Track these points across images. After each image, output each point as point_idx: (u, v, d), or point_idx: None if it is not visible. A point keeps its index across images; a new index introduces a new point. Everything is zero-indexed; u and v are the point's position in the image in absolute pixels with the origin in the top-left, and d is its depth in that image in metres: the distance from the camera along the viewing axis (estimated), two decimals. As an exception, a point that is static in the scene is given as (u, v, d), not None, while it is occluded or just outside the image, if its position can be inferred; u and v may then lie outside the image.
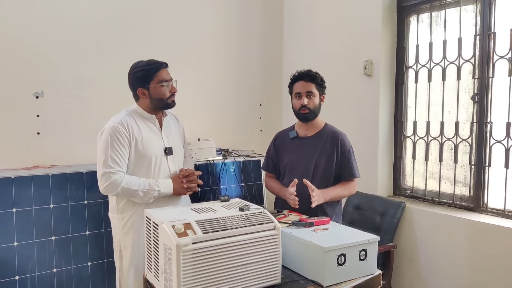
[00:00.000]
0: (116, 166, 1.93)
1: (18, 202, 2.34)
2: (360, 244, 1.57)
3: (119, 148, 1.94)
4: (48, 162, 2.72)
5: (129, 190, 1.94)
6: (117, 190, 1.94)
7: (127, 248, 2.05)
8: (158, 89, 2.00)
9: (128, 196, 1.97)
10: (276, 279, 1.49)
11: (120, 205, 2.04)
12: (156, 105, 2.05)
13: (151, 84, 1.99)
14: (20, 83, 2.65)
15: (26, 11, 2.64)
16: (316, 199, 1.98)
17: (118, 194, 1.96)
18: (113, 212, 2.10)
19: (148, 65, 2.01)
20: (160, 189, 1.99)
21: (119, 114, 2.04)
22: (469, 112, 2.56)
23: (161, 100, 2.03)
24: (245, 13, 3.57)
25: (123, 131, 1.95)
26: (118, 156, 1.94)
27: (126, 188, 1.93)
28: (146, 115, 2.07)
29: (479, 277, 2.39)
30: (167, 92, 2.03)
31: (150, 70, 2.00)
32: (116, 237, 2.11)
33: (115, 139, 1.94)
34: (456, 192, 2.65)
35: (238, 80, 3.58)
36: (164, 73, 2.02)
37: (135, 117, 2.05)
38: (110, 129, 1.96)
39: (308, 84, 2.20)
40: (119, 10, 2.97)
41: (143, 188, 1.96)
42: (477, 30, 2.48)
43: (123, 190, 1.94)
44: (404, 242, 2.78)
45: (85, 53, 2.85)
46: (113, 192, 1.96)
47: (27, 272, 2.33)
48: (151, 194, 1.98)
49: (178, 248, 1.29)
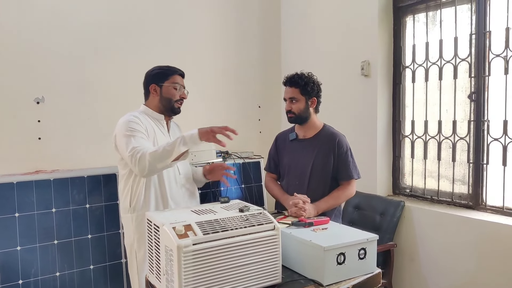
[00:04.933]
0: (140, 145, 1.88)
1: (21, 206, 2.36)
2: (359, 243, 1.58)
3: (138, 133, 1.94)
4: (50, 167, 2.75)
5: (156, 152, 1.83)
6: (147, 160, 1.83)
7: (141, 248, 2.04)
8: (170, 89, 2.09)
9: (159, 160, 1.84)
10: (277, 279, 1.51)
11: (133, 204, 2.03)
12: (164, 105, 2.10)
13: (165, 83, 2.09)
14: (21, 89, 2.68)
15: (26, 17, 2.67)
16: (307, 213, 1.97)
17: (150, 164, 1.84)
18: (125, 212, 2.10)
19: (167, 67, 2.15)
20: (185, 134, 1.87)
21: (131, 112, 2.08)
22: (466, 110, 2.58)
23: (170, 101, 2.09)
24: (243, 16, 3.59)
25: (139, 122, 1.99)
26: (138, 138, 1.92)
27: (153, 152, 1.84)
28: (156, 115, 2.12)
29: (479, 274, 2.41)
30: (177, 95, 2.11)
31: (168, 71, 2.12)
32: (129, 237, 2.09)
33: (133, 127, 1.95)
34: (455, 190, 2.67)
35: (237, 82, 3.60)
36: (179, 79, 2.14)
37: (146, 116, 2.10)
38: (125, 122, 1.98)
39: (292, 89, 2.21)
40: (118, 16, 3.00)
41: (166, 146, 1.85)
42: (473, 29, 2.50)
43: (151, 156, 1.83)
44: (404, 241, 2.80)
45: (85, 58, 2.88)
46: (146, 165, 1.84)
47: (30, 276, 2.35)
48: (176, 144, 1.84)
49: (179, 249, 1.31)
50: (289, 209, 2.04)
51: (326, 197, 2.16)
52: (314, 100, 2.23)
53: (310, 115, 2.23)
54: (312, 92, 2.21)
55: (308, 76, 2.21)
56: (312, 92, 2.21)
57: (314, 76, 2.25)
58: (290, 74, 2.24)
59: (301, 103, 2.20)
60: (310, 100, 2.21)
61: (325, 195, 2.17)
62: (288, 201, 2.09)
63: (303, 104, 2.20)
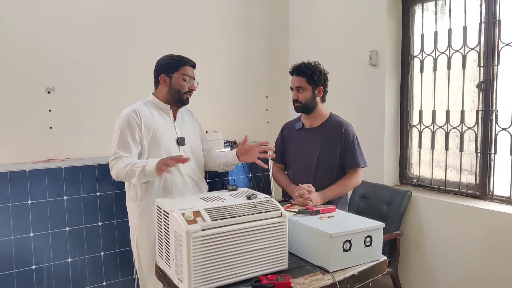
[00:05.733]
0: (122, 151, 1.97)
1: (33, 194, 2.41)
2: (365, 230, 1.60)
3: (128, 136, 1.99)
4: (61, 155, 2.80)
5: (122, 170, 1.92)
6: (115, 171, 1.95)
7: (143, 236, 2.09)
8: (180, 81, 2.09)
9: (124, 177, 1.96)
10: (283, 265, 1.54)
11: (136, 193, 2.08)
12: (172, 96, 2.11)
13: (175, 74, 2.09)
14: (32, 79, 2.72)
15: (37, 9, 2.70)
16: (313, 202, 2.00)
17: (117, 176, 1.96)
18: (129, 201, 2.14)
19: (178, 57, 2.14)
20: (146, 164, 1.90)
21: (135, 103, 2.10)
22: (474, 100, 2.57)
23: (178, 92, 2.10)
24: (250, 5, 3.59)
25: (136, 119, 2.01)
26: (126, 143, 1.98)
27: (120, 169, 1.93)
28: (162, 105, 2.13)
29: (485, 264, 2.42)
30: (186, 87, 2.11)
31: (179, 61, 2.11)
32: (132, 225, 2.15)
33: (126, 127, 1.99)
34: (462, 180, 2.67)
35: (244, 72, 3.61)
36: (189, 70, 2.13)
37: (150, 107, 2.11)
38: (123, 116, 2.03)
39: (298, 78, 2.21)
40: (126, 7, 3.02)
41: (132, 166, 1.91)
42: (482, 18, 2.48)
43: (117, 172, 1.94)
44: (410, 230, 2.82)
45: (95, 49, 2.91)
46: (114, 174, 1.97)
47: (43, 262, 2.41)
48: (137, 170, 1.89)
49: (188, 235, 1.34)
50: (295, 199, 2.07)
51: (333, 185, 2.17)
52: (321, 89, 2.23)
53: (316, 104, 2.24)
54: (318, 81, 2.21)
55: (314, 65, 2.22)
56: (318, 81, 2.21)
57: (321, 65, 2.25)
58: (297, 63, 2.24)
59: (308, 92, 2.20)
60: (316, 89, 2.22)
61: (331, 184, 2.18)
62: (294, 192, 2.11)
63: (309, 93, 2.21)
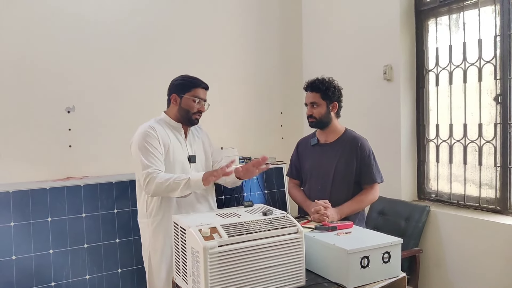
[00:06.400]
0: (152, 165, 2.00)
1: (53, 211, 2.46)
2: (383, 246, 1.58)
3: (152, 149, 2.03)
4: (80, 173, 2.85)
5: (162, 185, 1.95)
6: (153, 187, 1.96)
7: (156, 252, 2.11)
8: (190, 101, 2.13)
9: (164, 191, 1.98)
10: (301, 282, 1.53)
11: (149, 210, 2.11)
12: (181, 115, 2.16)
13: (185, 94, 2.13)
14: (53, 99, 2.80)
15: (57, 29, 2.80)
16: (330, 218, 1.99)
17: (156, 191, 1.98)
18: (142, 217, 2.18)
19: (191, 78, 2.19)
20: (191, 176, 1.98)
21: (148, 121, 2.15)
22: (492, 113, 2.53)
23: (187, 112, 2.14)
24: (264, 22, 3.64)
25: (154, 135, 2.05)
26: (153, 156, 2.02)
27: (160, 183, 1.95)
28: (173, 123, 2.17)
29: (508, 280, 2.35)
30: (196, 108, 2.15)
31: (191, 83, 2.16)
32: (145, 241, 2.17)
33: (148, 142, 2.03)
34: (482, 195, 2.61)
35: (258, 89, 3.65)
36: (201, 92, 2.17)
37: (163, 124, 2.16)
38: (141, 134, 2.06)
39: (313, 94, 2.23)
40: (143, 26, 3.10)
41: (175, 178, 1.97)
42: (497, 31, 2.46)
43: (156, 186, 1.96)
44: (430, 246, 2.76)
45: (112, 68, 2.99)
46: (151, 189, 1.98)
47: (62, 279, 2.44)
48: (182, 182, 1.96)
49: (205, 251, 1.35)
50: (311, 215, 2.06)
51: (349, 201, 2.16)
52: (335, 105, 2.24)
53: (331, 119, 2.25)
54: (333, 96, 2.22)
55: (329, 80, 2.23)
56: (333, 96, 2.22)
57: (335, 80, 2.26)
58: (311, 79, 2.26)
59: (322, 107, 2.22)
60: (331, 104, 2.23)
61: (348, 200, 2.17)
62: (310, 208, 2.10)
63: (324, 108, 2.22)
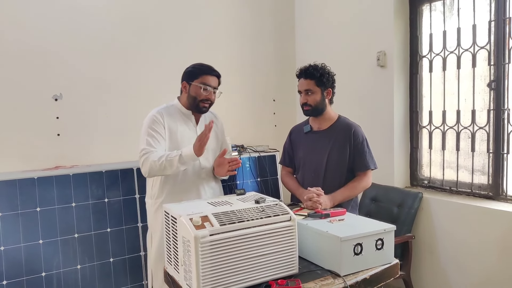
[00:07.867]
0: (149, 147, 2.03)
1: (42, 201, 2.42)
2: (376, 233, 1.57)
3: (155, 133, 2.06)
4: (69, 162, 2.80)
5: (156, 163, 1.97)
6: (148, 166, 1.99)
7: (156, 234, 2.14)
8: (197, 89, 2.12)
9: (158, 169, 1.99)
10: (294, 270, 1.51)
11: (153, 191, 2.15)
12: (190, 103, 2.15)
13: (194, 81, 2.12)
14: (39, 86, 2.73)
15: (45, 16, 2.72)
16: (323, 205, 1.98)
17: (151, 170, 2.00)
18: (148, 198, 2.23)
19: (201, 65, 2.17)
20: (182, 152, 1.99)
21: (160, 106, 2.18)
22: (485, 99, 2.52)
23: (194, 99, 2.13)
24: (257, 9, 3.58)
25: (160, 120, 2.09)
26: (153, 139, 2.05)
27: (154, 162, 1.97)
28: (184, 110, 2.18)
29: (500, 266, 2.37)
30: (203, 95, 2.12)
31: (200, 70, 2.14)
32: (149, 221, 2.23)
33: (151, 127, 2.07)
34: (475, 181, 2.62)
35: (251, 76, 3.60)
36: (210, 79, 2.14)
37: (174, 110, 2.17)
38: (149, 117, 2.11)
39: (307, 81, 2.20)
40: (136, 15, 3.03)
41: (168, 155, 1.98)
42: (492, 16, 2.44)
43: (151, 165, 1.98)
44: (422, 232, 2.77)
45: (102, 56, 2.92)
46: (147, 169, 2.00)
47: (52, 269, 2.41)
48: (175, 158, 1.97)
49: (196, 240, 1.33)
50: (304, 203, 2.04)
51: (342, 188, 2.14)
52: (330, 91, 2.22)
53: (325, 106, 2.22)
54: (327, 83, 2.20)
55: (322, 67, 2.20)
56: (327, 83, 2.20)
57: (328, 66, 2.23)
58: (304, 66, 2.23)
59: (317, 94, 2.19)
60: (325, 91, 2.20)
61: (341, 187, 2.16)
62: (303, 195, 2.09)
63: (319, 95, 2.19)
